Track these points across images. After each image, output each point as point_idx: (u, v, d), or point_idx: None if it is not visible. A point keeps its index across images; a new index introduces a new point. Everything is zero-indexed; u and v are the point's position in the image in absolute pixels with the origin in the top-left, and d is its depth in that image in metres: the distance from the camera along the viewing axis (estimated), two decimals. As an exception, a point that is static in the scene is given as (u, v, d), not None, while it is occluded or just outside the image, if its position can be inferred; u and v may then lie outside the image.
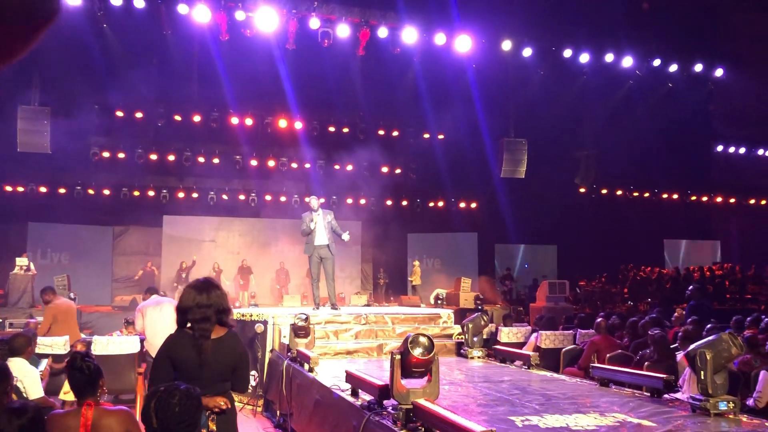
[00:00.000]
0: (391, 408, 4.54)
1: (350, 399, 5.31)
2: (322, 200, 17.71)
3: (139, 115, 17.55)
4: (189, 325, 3.69)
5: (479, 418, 4.59)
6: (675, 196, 23.41)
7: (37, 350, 7.73)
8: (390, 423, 4.35)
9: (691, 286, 11.12)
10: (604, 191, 22.59)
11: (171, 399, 2.74)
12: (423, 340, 4.40)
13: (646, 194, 23.13)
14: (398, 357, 4.44)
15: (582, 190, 21.76)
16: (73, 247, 18.75)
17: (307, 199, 10.56)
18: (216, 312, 3.68)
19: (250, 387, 8.83)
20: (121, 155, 18.34)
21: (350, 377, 5.53)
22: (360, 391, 5.34)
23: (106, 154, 18.16)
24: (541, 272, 22.40)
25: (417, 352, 4.37)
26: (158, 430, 2.69)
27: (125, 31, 14.30)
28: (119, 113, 17.35)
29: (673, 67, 16.92)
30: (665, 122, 18.67)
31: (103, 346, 8.24)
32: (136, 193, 19.24)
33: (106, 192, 18.97)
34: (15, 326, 11.65)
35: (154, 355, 4.56)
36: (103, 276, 19.38)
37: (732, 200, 24.08)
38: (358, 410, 4.92)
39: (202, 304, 3.65)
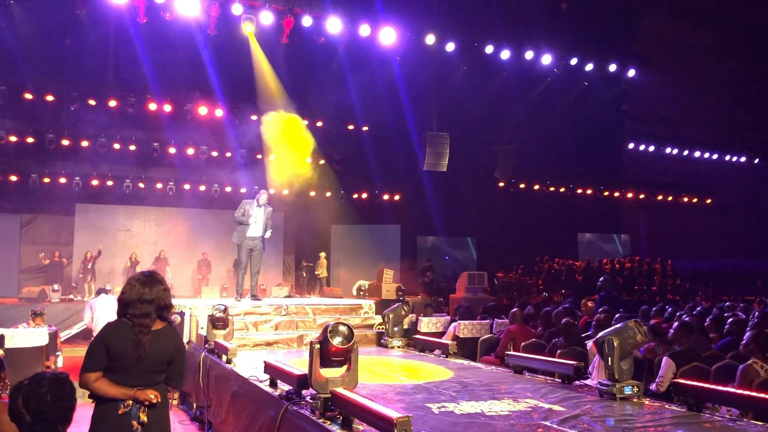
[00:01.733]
0: (309, 397, 4.54)
1: (268, 389, 5.28)
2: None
3: (50, 98, 16.60)
4: (128, 316, 3.64)
5: (397, 406, 4.64)
6: (589, 191, 24.24)
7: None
8: (308, 412, 4.36)
9: (601, 278, 11.58)
10: (522, 185, 23.16)
11: (39, 389, 2.63)
12: (342, 329, 4.42)
13: (562, 189, 23.85)
14: (317, 346, 4.45)
15: (501, 184, 22.25)
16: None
17: (258, 189, 10.40)
18: (157, 308, 3.66)
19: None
20: (31, 140, 17.33)
21: (268, 368, 5.49)
22: (279, 381, 5.31)
23: (13, 138, 17.09)
24: (460, 264, 22.81)
25: (336, 341, 4.38)
26: (33, 424, 2.57)
27: (35, 9, 13.61)
28: (28, 95, 16.37)
29: (589, 67, 17.53)
30: (581, 119, 19.33)
31: (8, 338, 7.86)
32: (47, 180, 18.29)
33: (14, 178, 17.95)
34: None
35: None
36: (9, 266, 18.42)
37: (641, 196, 25.16)
38: (276, 400, 4.90)
39: (145, 299, 3.62)
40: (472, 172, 19.63)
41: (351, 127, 19.63)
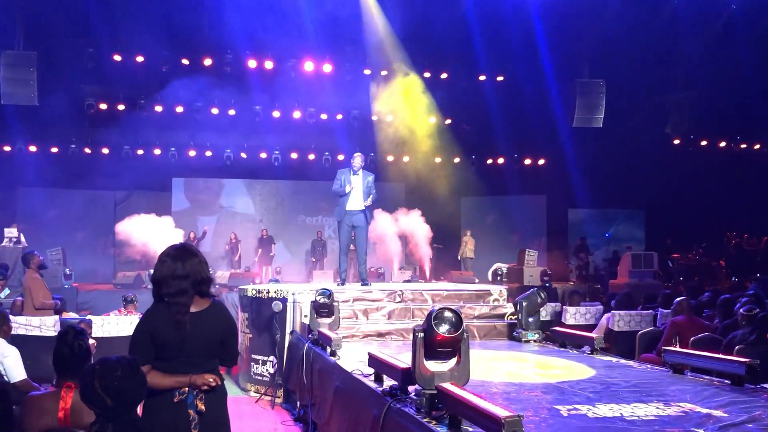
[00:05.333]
0: (414, 394, 4.68)
1: (372, 385, 5.49)
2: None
3: (140, 59, 17.57)
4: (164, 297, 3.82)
5: (518, 406, 4.73)
6: (794, 149, 22.87)
7: (24, 331, 8.19)
8: (413, 411, 4.49)
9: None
10: (703, 143, 22.13)
11: (115, 373, 2.91)
12: (449, 315, 4.51)
13: (756, 146, 22.58)
14: (421, 335, 4.57)
15: (676, 141, 21.36)
16: (68, 215, 19.16)
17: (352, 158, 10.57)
18: (193, 283, 3.81)
19: (267, 373, 9.18)
20: (121, 107, 18.59)
21: (373, 360, 5.70)
22: (384, 376, 5.51)
23: (103, 107, 18.44)
24: (624, 242, 22.22)
25: (442, 329, 4.46)
26: (113, 408, 2.87)
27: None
28: (116, 57, 17.42)
29: (789, -12, 16.41)
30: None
31: (97, 326, 8.61)
32: (140, 152, 19.65)
33: (105, 151, 19.45)
34: (5, 306, 12.20)
35: None
36: (104, 248, 19.93)
37: None
38: (379, 397, 5.07)
39: (178, 274, 3.77)
40: (636, 127, 18.95)
41: (482, 77, 19.42)
